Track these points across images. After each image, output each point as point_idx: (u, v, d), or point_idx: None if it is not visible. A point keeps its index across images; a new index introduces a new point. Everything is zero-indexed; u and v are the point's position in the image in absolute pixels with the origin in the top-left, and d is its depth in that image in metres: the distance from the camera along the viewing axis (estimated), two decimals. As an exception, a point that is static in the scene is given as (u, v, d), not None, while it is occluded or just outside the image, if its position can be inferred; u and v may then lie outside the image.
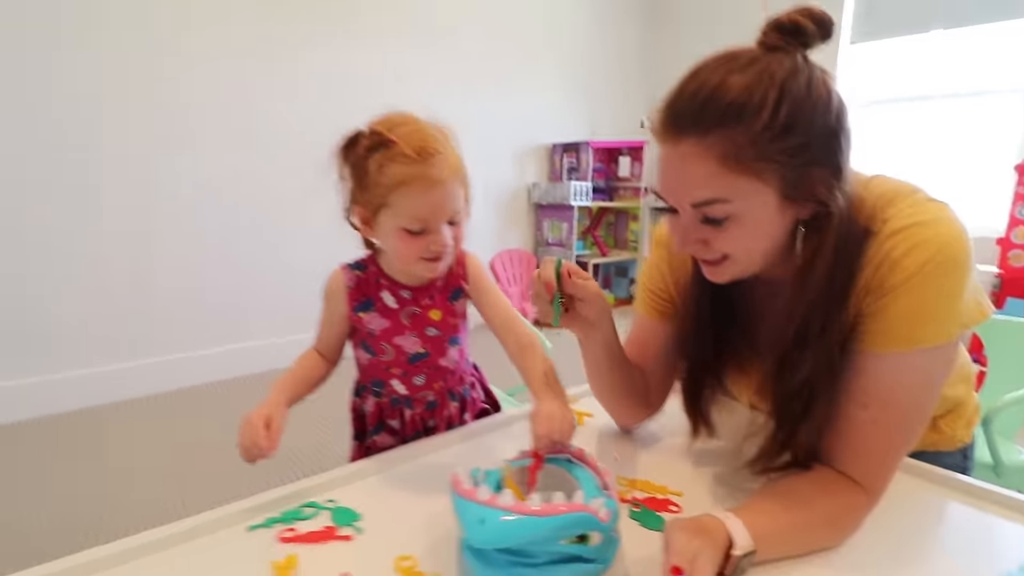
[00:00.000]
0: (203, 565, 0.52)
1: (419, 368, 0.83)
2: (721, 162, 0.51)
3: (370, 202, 0.71)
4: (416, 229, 0.70)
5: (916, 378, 0.55)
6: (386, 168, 0.68)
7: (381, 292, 0.80)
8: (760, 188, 0.52)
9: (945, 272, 0.52)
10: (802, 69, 0.51)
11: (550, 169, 3.98)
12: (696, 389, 0.72)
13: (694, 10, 4.20)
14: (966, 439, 0.78)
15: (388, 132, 0.69)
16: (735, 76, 0.51)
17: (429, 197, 0.69)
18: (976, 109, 3.19)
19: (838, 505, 0.55)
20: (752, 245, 0.56)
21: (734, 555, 0.47)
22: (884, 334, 0.54)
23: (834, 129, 0.52)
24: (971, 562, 0.53)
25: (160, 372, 2.38)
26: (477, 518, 0.43)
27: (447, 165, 0.70)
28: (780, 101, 0.49)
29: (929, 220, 0.53)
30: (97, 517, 1.49)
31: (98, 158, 2.16)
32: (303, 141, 2.64)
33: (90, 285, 2.20)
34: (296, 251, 2.71)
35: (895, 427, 0.56)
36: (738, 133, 0.50)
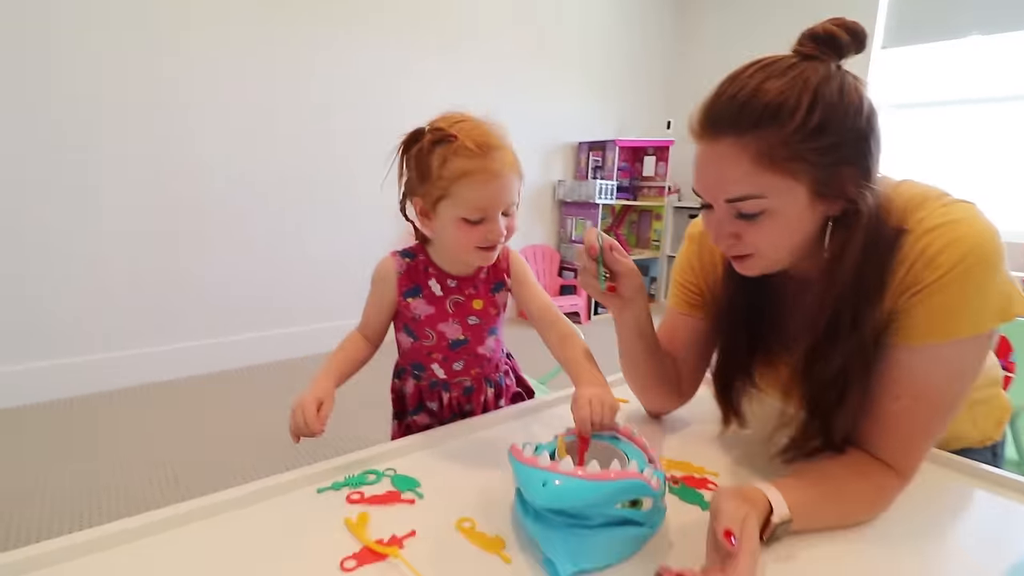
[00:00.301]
0: (281, 521, 0.57)
1: (459, 354, 0.88)
2: (756, 160, 0.54)
3: (431, 194, 0.75)
4: (475, 219, 0.75)
5: (950, 368, 0.58)
6: (449, 161, 0.72)
7: (429, 280, 0.85)
8: (792, 186, 0.55)
9: (980, 267, 0.55)
10: (835, 76, 0.55)
11: (576, 167, 4.01)
12: (727, 381, 0.75)
13: (722, 15, 4.18)
14: (996, 437, 0.81)
15: (449, 128, 0.74)
16: (771, 81, 0.54)
17: (489, 188, 0.74)
18: (1007, 114, 3.14)
19: (870, 484, 0.58)
20: (781, 240, 0.59)
21: (772, 522, 0.51)
22: (920, 328, 0.57)
23: (864, 132, 0.55)
24: (998, 543, 0.56)
25: (169, 359, 2.44)
26: (539, 481, 0.47)
27: (506, 159, 0.74)
28: (813, 104, 0.53)
29: (961, 218, 0.56)
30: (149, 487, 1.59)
31: (97, 158, 2.17)
32: (306, 140, 2.66)
33: (90, 285, 2.23)
34: (299, 246, 2.75)
35: (928, 415, 0.59)
36: (772, 134, 0.53)
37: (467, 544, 0.53)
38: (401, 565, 0.49)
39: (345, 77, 2.72)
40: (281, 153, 2.60)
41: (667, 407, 0.84)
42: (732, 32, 4.10)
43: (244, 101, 2.47)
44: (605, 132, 4.07)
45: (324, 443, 1.82)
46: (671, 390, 0.81)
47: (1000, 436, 0.82)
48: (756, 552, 0.47)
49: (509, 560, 0.51)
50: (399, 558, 0.50)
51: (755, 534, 0.48)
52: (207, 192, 2.44)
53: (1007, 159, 3.15)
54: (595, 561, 0.49)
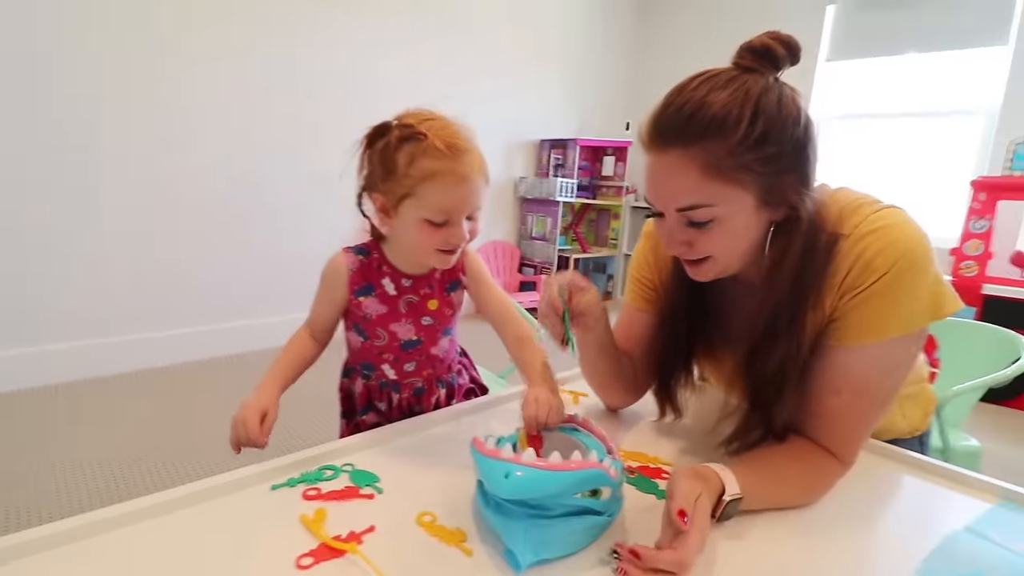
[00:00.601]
0: (233, 519, 0.55)
1: (411, 355, 0.86)
2: (703, 171, 0.56)
3: (394, 191, 0.73)
4: (439, 221, 0.72)
5: (884, 365, 0.62)
6: (417, 160, 0.70)
7: (382, 279, 0.82)
8: (739, 194, 0.57)
9: (911, 270, 0.58)
10: (773, 88, 0.57)
11: (537, 164, 4.03)
12: (667, 374, 0.78)
13: (680, 21, 4.29)
14: (923, 427, 0.87)
15: (419, 125, 0.71)
16: (715, 93, 0.56)
17: (456, 192, 0.71)
18: (938, 128, 3.38)
19: (812, 469, 0.62)
20: (731, 246, 0.61)
21: (724, 500, 0.54)
22: (856, 329, 0.61)
23: (802, 141, 0.58)
24: (924, 524, 0.61)
25: (153, 347, 2.38)
26: (502, 473, 0.48)
27: (474, 162, 0.72)
28: (755, 116, 0.55)
29: (893, 223, 0.60)
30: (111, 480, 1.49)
31: (98, 158, 2.15)
32: (302, 139, 2.68)
33: (90, 285, 2.21)
34: (295, 243, 2.75)
35: (865, 408, 0.63)
36: (718, 145, 0.55)
37: (428, 538, 0.53)
38: (360, 561, 0.49)
39: (342, 75, 2.76)
40: (276, 148, 2.62)
41: (625, 402, 0.87)
42: (690, 37, 4.23)
43: (243, 100, 2.50)
44: (567, 130, 4.11)
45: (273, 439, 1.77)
46: (628, 387, 0.83)
47: (927, 427, 0.88)
48: (706, 529, 0.49)
49: (470, 553, 0.51)
50: (358, 554, 0.49)
51: (707, 512, 0.51)
52: (204, 187, 2.44)
53: (938, 169, 3.39)
54: (555, 551, 0.50)
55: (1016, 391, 2.52)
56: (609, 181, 4.29)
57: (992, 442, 2.23)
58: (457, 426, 0.80)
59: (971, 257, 2.75)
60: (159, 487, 0.59)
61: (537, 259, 3.91)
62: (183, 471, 1.60)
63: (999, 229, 2.78)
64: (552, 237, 3.81)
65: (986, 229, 2.72)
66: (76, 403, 2.01)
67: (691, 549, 0.47)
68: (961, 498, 0.66)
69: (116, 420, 1.91)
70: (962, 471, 0.70)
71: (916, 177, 3.44)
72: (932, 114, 3.39)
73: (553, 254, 3.80)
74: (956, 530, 0.58)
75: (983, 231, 2.73)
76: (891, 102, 3.51)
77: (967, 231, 2.78)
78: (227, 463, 0.62)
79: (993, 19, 3.13)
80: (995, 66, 3.15)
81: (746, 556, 0.53)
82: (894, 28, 3.41)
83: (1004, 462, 2.08)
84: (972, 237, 2.76)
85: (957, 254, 2.81)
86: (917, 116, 3.43)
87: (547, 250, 3.84)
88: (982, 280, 2.69)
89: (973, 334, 1.30)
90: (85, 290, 2.19)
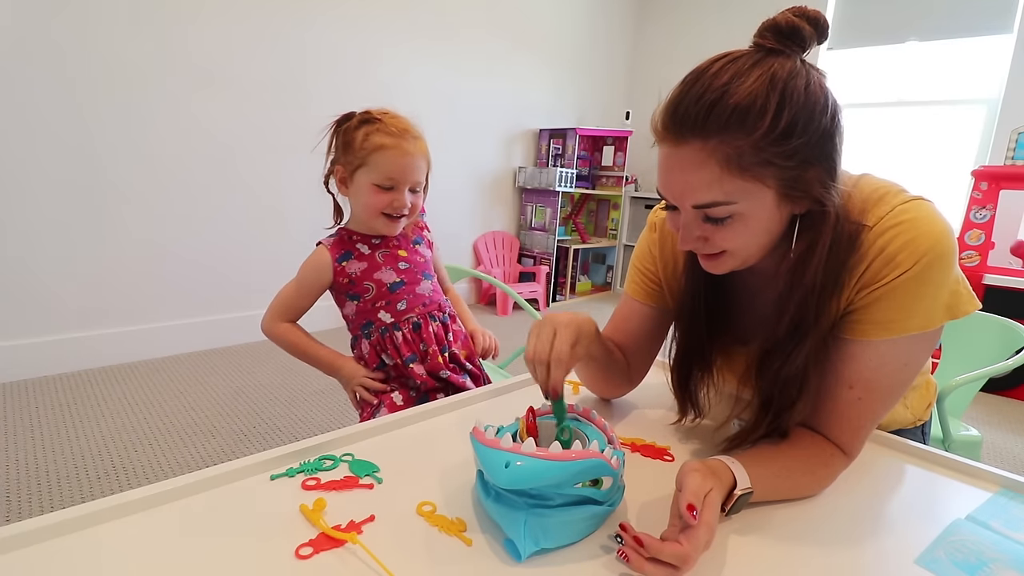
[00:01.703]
0: (232, 509, 0.54)
1: (399, 295, 0.99)
2: (724, 167, 0.52)
3: (351, 163, 0.92)
4: (386, 186, 0.92)
5: (900, 361, 0.60)
6: (371, 137, 0.90)
7: (356, 244, 0.99)
8: (761, 189, 0.53)
9: (935, 266, 0.56)
10: (800, 72, 0.52)
11: (536, 154, 4.01)
12: (686, 373, 0.74)
13: (680, 9, 4.25)
14: (925, 418, 0.87)
15: (376, 113, 0.92)
16: (738, 80, 0.51)
17: (400, 162, 0.91)
18: (940, 117, 3.36)
19: (817, 461, 0.62)
20: (750, 241, 0.57)
21: (736, 493, 0.53)
22: (875, 323, 0.58)
23: (830, 130, 0.54)
24: (925, 513, 0.61)
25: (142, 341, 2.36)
26: (502, 463, 0.47)
27: (418, 145, 0.93)
28: (781, 107, 0.51)
29: (921, 216, 0.56)
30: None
31: (101, 151, 2.15)
32: (291, 128, 2.66)
33: (88, 277, 2.20)
34: (280, 238, 2.73)
35: (877, 403, 0.61)
36: (741, 138, 0.51)
37: (428, 528, 0.53)
38: (359, 551, 0.48)
39: (307, 63, 2.70)
40: (266, 144, 2.61)
41: (616, 394, 0.85)
42: (690, 27, 4.18)
43: (247, 98, 2.51)
44: (566, 120, 4.09)
45: (276, 431, 1.78)
46: (621, 380, 0.81)
47: (928, 417, 0.88)
48: (714, 526, 0.49)
49: (470, 542, 0.51)
50: (357, 543, 0.49)
51: (716, 508, 0.50)
52: (197, 177, 2.43)
53: (940, 158, 3.37)
54: (556, 540, 0.49)
55: (1016, 381, 2.53)
56: (609, 171, 4.27)
57: (992, 431, 2.24)
58: (457, 416, 0.80)
59: (972, 247, 2.74)
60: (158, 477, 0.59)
61: (536, 249, 3.90)
62: (182, 461, 1.61)
63: (1000, 219, 2.77)
64: (551, 227, 3.80)
65: (988, 219, 2.71)
66: (74, 393, 2.01)
67: (696, 544, 0.46)
68: (962, 487, 0.66)
69: (115, 410, 1.91)
70: (963, 460, 0.69)
71: (918, 166, 3.43)
72: (934, 103, 3.37)
73: (552, 244, 3.79)
74: (957, 519, 0.58)
75: (985, 221, 2.72)
76: (893, 91, 3.49)
77: (968, 220, 2.77)
78: (226, 453, 0.62)
79: (997, 7, 3.10)
80: (998, 55, 3.12)
81: (748, 545, 0.53)
82: (896, 16, 3.38)
83: (1004, 451, 2.09)
84: (973, 227, 2.75)
85: (959, 244, 2.80)
86: (919, 105, 3.41)
87: (546, 240, 3.83)
88: (983, 270, 2.69)
89: (974, 324, 1.30)
90: (83, 282, 2.19)
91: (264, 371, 2.34)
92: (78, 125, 2.09)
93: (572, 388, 0.91)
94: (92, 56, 2.07)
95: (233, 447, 1.67)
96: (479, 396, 0.86)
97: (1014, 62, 3.02)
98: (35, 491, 1.43)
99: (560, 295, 4.00)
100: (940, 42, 3.29)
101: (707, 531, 0.47)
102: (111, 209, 2.21)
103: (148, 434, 1.76)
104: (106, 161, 2.17)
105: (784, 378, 0.60)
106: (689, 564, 0.46)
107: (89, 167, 2.13)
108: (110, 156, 2.18)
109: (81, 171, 2.12)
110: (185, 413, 1.92)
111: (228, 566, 0.46)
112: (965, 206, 2.82)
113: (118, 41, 2.12)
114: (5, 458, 1.57)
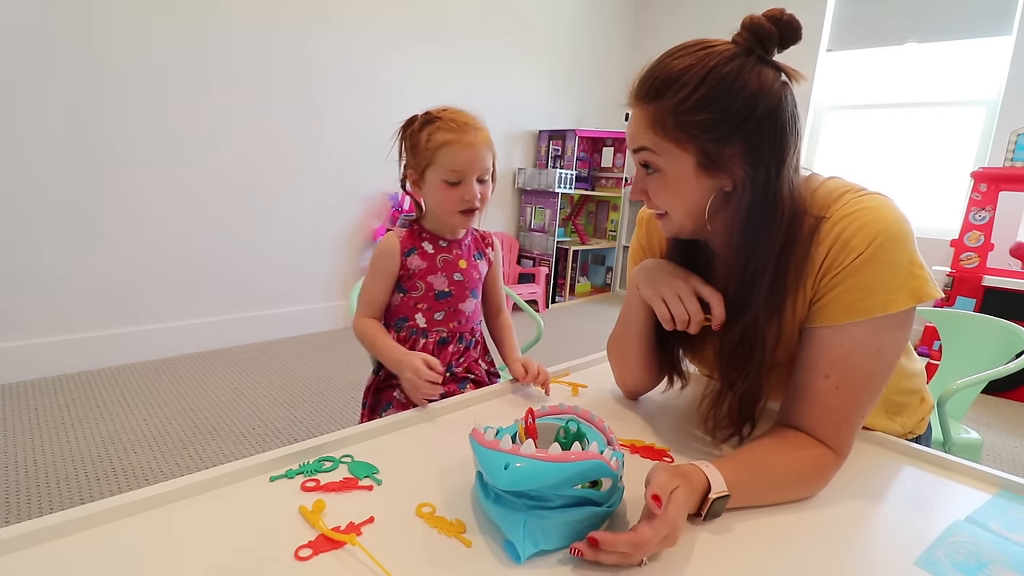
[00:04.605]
0: (231, 511, 0.54)
1: (441, 305, 1.01)
2: (652, 125, 0.62)
3: (419, 164, 0.95)
4: (453, 181, 0.93)
5: (870, 344, 0.61)
6: (434, 136, 0.92)
7: (423, 242, 1.01)
8: (679, 153, 0.62)
9: (891, 247, 0.59)
10: (739, 60, 0.59)
11: (536, 155, 4.01)
12: (667, 343, 0.80)
13: (680, 10, 4.26)
14: (919, 431, 0.86)
15: (436, 112, 0.94)
16: (680, 59, 0.61)
17: (464, 155, 0.92)
18: (939, 118, 3.37)
19: (805, 461, 0.61)
20: (672, 199, 0.65)
21: (710, 497, 0.53)
22: (839, 307, 0.61)
23: (753, 115, 0.59)
24: (924, 514, 0.61)
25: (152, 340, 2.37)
26: (501, 464, 0.47)
27: (479, 135, 0.94)
28: (701, 83, 0.59)
29: (874, 206, 0.61)
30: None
31: (100, 149, 2.15)
32: (298, 132, 2.69)
33: (93, 277, 2.21)
34: (298, 235, 2.77)
35: (856, 391, 0.62)
36: (663, 103, 0.61)
37: (427, 529, 0.53)
38: (359, 552, 0.48)
39: (313, 65, 2.72)
40: (267, 145, 2.63)
41: (645, 389, 0.87)
42: (689, 27, 4.19)
43: (246, 100, 2.52)
44: (566, 121, 4.09)
45: (279, 430, 1.78)
46: (654, 372, 0.84)
47: (923, 430, 0.87)
48: (678, 521, 0.48)
49: (470, 544, 0.51)
50: (357, 545, 0.49)
51: (681, 504, 0.50)
52: (198, 179, 2.44)
53: (939, 160, 3.38)
54: (555, 542, 0.49)
55: (1016, 382, 2.53)
56: (608, 172, 4.28)
57: (991, 433, 2.24)
58: (456, 417, 0.80)
59: (972, 248, 2.74)
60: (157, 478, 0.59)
61: (536, 251, 3.90)
62: (181, 462, 1.60)
63: (999, 220, 2.78)
64: (551, 229, 3.80)
65: (987, 220, 2.71)
66: (73, 395, 2.01)
67: (654, 533, 0.46)
68: (961, 488, 0.66)
69: (115, 411, 1.91)
70: (962, 461, 0.70)
71: (917, 168, 3.43)
72: (933, 104, 3.37)
73: (552, 246, 3.79)
74: (956, 520, 0.58)
75: (984, 222, 2.72)
76: (892, 92, 3.49)
77: (967, 222, 2.77)
78: (225, 455, 0.62)
79: (995, 9, 3.10)
80: (997, 56, 3.13)
81: (747, 546, 0.53)
82: (895, 17, 3.39)
83: (1004, 453, 2.09)
84: (973, 228, 2.75)
85: (958, 245, 2.80)
86: (918, 106, 3.42)
87: (546, 242, 3.83)
88: (982, 272, 2.69)
89: (973, 325, 1.30)
90: (83, 284, 2.19)
91: (264, 372, 2.34)
92: (80, 125, 2.09)
93: (572, 389, 0.91)
94: (115, 60, 2.08)
95: (232, 449, 1.67)
96: (478, 398, 0.86)
97: (1013, 63, 3.02)
98: (34, 493, 1.43)
99: (559, 296, 4.00)
100: (939, 44, 3.30)
101: (668, 525, 0.48)
102: (111, 211, 2.21)
103: (147, 436, 1.76)
104: (108, 163, 2.17)
105: (728, 351, 0.66)
106: (643, 550, 0.46)
107: (90, 167, 2.14)
108: (111, 157, 2.18)
109: (81, 173, 2.12)
110: (184, 414, 1.92)
111: (227, 568, 0.46)
112: (964, 208, 2.82)
113: (137, 41, 2.13)
114: (4, 459, 1.57)
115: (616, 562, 0.47)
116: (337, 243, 2.96)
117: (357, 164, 2.92)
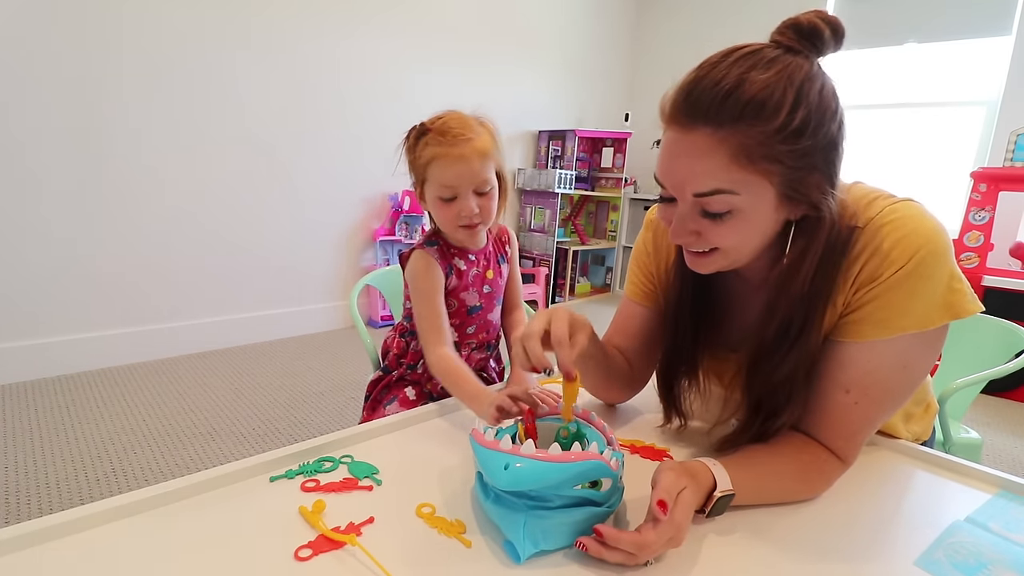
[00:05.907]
0: (231, 511, 0.54)
1: (473, 319, 0.99)
2: (732, 156, 0.51)
3: (418, 180, 0.90)
4: (447, 196, 0.87)
5: (896, 361, 0.58)
6: (424, 150, 0.86)
7: (454, 259, 0.96)
8: (764, 186, 0.52)
9: (932, 261, 0.55)
10: (817, 75, 0.52)
11: (536, 155, 4.01)
12: (672, 378, 0.73)
13: (680, 12, 4.26)
14: (924, 436, 0.85)
15: (429, 123, 0.86)
16: (756, 72, 0.50)
17: (453, 169, 0.85)
18: (939, 118, 3.37)
19: (811, 466, 0.61)
20: (744, 240, 0.56)
21: (715, 495, 0.53)
22: (872, 323, 0.57)
23: (835, 139, 0.53)
24: (924, 514, 0.61)
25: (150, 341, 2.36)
26: (501, 464, 0.47)
27: (470, 146, 0.85)
28: (796, 105, 0.50)
29: (912, 215, 0.56)
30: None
31: (97, 149, 2.15)
32: (298, 133, 2.69)
33: (92, 277, 2.21)
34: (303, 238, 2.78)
35: (874, 406, 0.60)
36: (754, 130, 0.50)
37: (427, 529, 0.53)
38: (359, 552, 0.48)
39: (312, 67, 2.72)
40: (268, 147, 2.63)
41: (621, 399, 0.84)
42: (690, 29, 4.19)
43: (250, 100, 2.53)
44: (566, 121, 4.09)
45: (279, 430, 1.78)
46: (623, 385, 0.80)
47: (928, 435, 0.86)
48: (684, 523, 0.48)
49: (470, 544, 0.51)
50: (357, 545, 0.49)
51: (688, 506, 0.49)
52: (199, 180, 2.44)
53: (939, 160, 3.38)
54: (555, 542, 0.49)
55: (1016, 382, 2.53)
56: (608, 173, 4.27)
57: (991, 433, 2.24)
58: (456, 417, 0.80)
59: (971, 248, 2.74)
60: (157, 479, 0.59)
61: (536, 251, 3.90)
62: (181, 463, 1.60)
63: (999, 220, 2.78)
64: (551, 229, 3.80)
65: (987, 220, 2.71)
66: (73, 395, 2.01)
67: (659, 537, 0.46)
68: (961, 489, 0.66)
69: (115, 411, 1.91)
70: (962, 461, 0.69)
71: (916, 168, 3.43)
72: (933, 104, 3.37)
73: (552, 246, 3.79)
74: (956, 520, 0.58)
75: (984, 222, 2.72)
76: (892, 92, 3.49)
77: (967, 222, 2.77)
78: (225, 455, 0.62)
79: (995, 9, 3.10)
80: (997, 56, 3.13)
81: (747, 547, 0.53)
82: (895, 18, 3.39)
83: (1003, 452, 2.09)
84: (972, 228, 2.75)
85: (957, 245, 2.80)
86: (918, 106, 3.42)
87: (545, 242, 3.83)
88: (982, 272, 2.69)
89: (973, 325, 1.30)
90: (83, 284, 2.19)
91: (263, 373, 2.34)
92: (80, 126, 2.09)
93: (571, 390, 0.91)
94: (106, 55, 2.08)
95: (232, 449, 1.67)
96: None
97: (1013, 64, 3.02)
98: (34, 493, 1.43)
99: (559, 296, 4.00)
100: (939, 44, 3.30)
101: (674, 528, 0.47)
102: (110, 212, 2.21)
103: (147, 436, 1.75)
104: (108, 163, 2.17)
105: (773, 384, 0.60)
106: (646, 552, 0.46)
107: (91, 169, 2.14)
108: (112, 157, 2.18)
109: (82, 174, 2.12)
110: (184, 415, 1.92)
111: (227, 568, 0.46)
112: (964, 208, 2.82)
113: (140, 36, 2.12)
114: (4, 460, 1.57)
115: (620, 561, 0.47)
116: (337, 243, 2.96)
117: (357, 164, 2.92)
